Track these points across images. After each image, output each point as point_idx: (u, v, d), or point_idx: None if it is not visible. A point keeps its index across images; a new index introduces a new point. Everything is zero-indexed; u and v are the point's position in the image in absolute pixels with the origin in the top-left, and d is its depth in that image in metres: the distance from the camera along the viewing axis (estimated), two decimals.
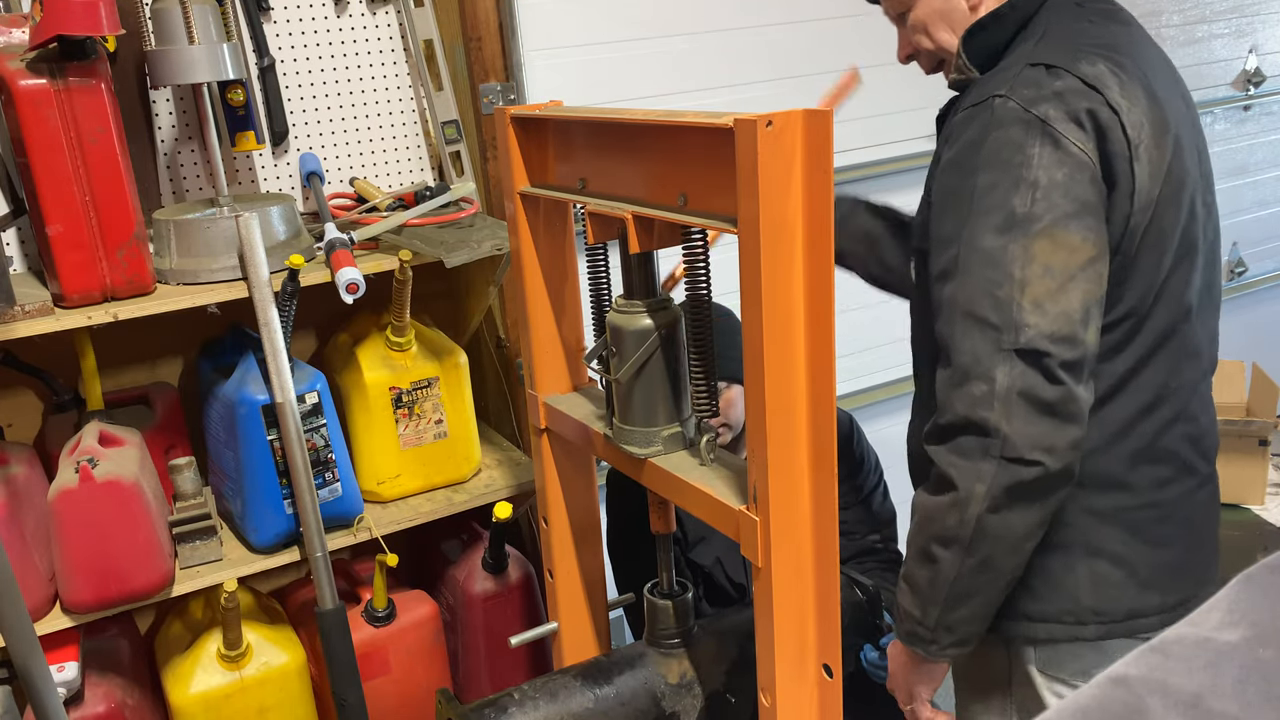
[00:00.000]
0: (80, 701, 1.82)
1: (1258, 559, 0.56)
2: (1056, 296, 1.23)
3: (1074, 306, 1.24)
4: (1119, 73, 1.31)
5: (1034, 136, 1.25)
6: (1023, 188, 1.24)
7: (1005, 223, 1.25)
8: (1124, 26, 1.43)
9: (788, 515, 1.19)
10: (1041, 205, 1.24)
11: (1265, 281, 3.77)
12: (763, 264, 1.09)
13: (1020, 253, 1.23)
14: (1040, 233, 1.23)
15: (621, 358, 1.38)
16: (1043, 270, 1.23)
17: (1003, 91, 1.29)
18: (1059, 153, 1.25)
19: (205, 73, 1.82)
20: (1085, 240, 1.25)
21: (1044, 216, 1.24)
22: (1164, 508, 1.42)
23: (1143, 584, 1.42)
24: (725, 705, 1.54)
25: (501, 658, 2.15)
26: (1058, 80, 1.28)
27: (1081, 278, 1.25)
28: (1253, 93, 3.55)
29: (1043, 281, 1.23)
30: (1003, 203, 1.25)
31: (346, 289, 1.75)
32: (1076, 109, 1.27)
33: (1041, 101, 1.27)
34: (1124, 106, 1.28)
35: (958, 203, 1.30)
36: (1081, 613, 1.42)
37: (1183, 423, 1.42)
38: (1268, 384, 2.68)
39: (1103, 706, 0.52)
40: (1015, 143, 1.26)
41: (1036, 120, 1.26)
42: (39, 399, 2.08)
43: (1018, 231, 1.24)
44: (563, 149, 1.47)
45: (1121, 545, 1.41)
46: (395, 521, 2.01)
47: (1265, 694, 0.48)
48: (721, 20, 2.61)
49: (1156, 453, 1.41)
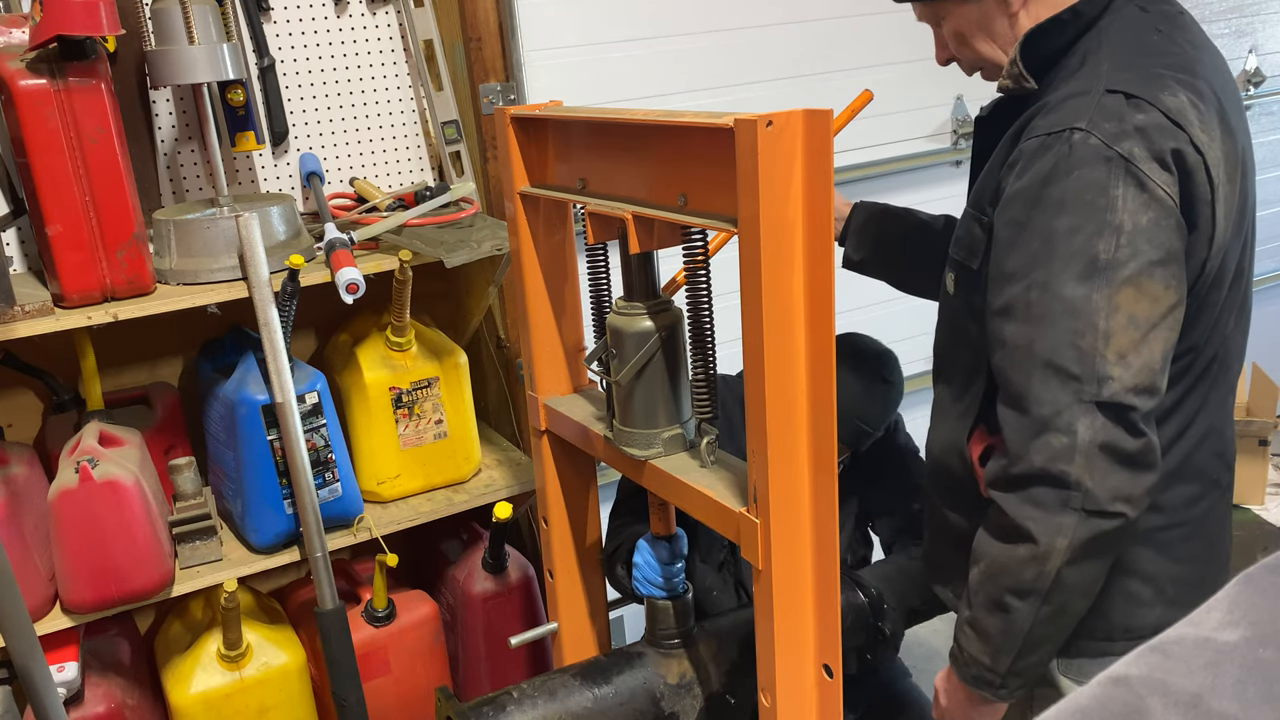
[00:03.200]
0: (80, 701, 1.82)
1: (1258, 559, 0.56)
2: (1140, 348, 1.19)
3: (1155, 357, 1.20)
4: (1198, 104, 1.24)
5: (1118, 177, 1.19)
6: (1107, 233, 1.19)
7: (1088, 270, 1.19)
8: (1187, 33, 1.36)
9: (788, 517, 1.19)
10: (1126, 251, 1.18)
11: (1265, 281, 3.76)
12: (763, 264, 1.09)
13: (1104, 302, 1.19)
14: (1126, 281, 1.19)
15: (622, 359, 1.37)
16: (1127, 320, 1.19)
17: (1083, 125, 1.21)
18: (1144, 195, 1.19)
19: (205, 73, 1.82)
20: (1169, 288, 1.20)
21: (1129, 264, 1.18)
22: (1191, 525, 1.41)
23: (1170, 601, 1.41)
24: (725, 705, 1.54)
25: (501, 658, 2.15)
26: (1140, 113, 1.21)
27: (1163, 326, 1.20)
28: (1253, 93, 3.55)
29: (1127, 333, 1.19)
30: (1085, 248, 1.19)
31: (346, 289, 1.75)
32: (1161, 148, 1.19)
33: (1125, 138, 1.19)
34: (1205, 144, 1.22)
35: (1029, 239, 1.24)
36: (1112, 630, 1.41)
37: (1212, 439, 1.41)
38: (1268, 384, 2.68)
39: (1103, 706, 0.52)
40: (1099, 184, 1.19)
41: (1120, 159, 1.19)
42: (39, 399, 2.08)
43: (1101, 280, 1.19)
44: (563, 149, 1.47)
45: (1152, 565, 1.40)
46: (395, 521, 2.01)
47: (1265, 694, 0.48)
48: (721, 20, 2.61)
49: (1187, 472, 1.39)
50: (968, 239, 1.37)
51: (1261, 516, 2.63)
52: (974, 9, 1.38)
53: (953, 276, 1.43)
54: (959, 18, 1.40)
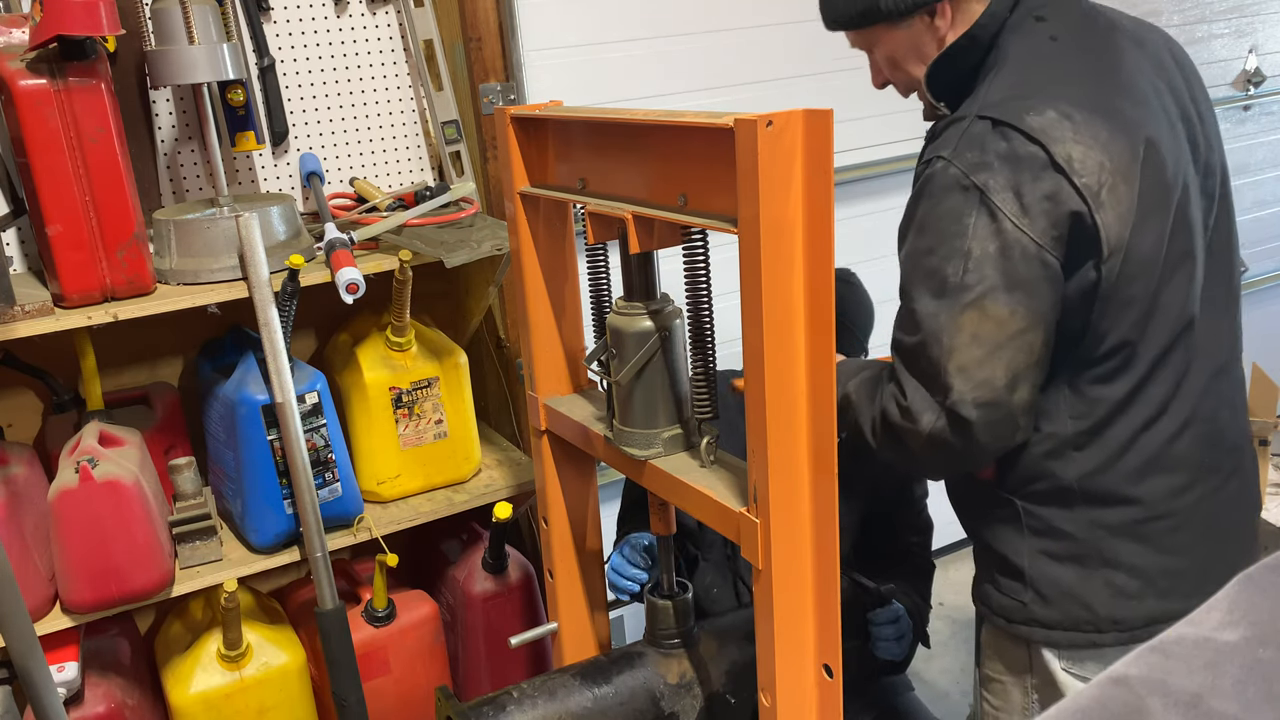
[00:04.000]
0: (80, 701, 1.82)
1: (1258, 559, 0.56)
2: (983, 364, 1.28)
3: (998, 374, 1.29)
4: (1072, 114, 1.28)
5: (972, 206, 1.27)
6: (956, 258, 1.28)
7: (939, 289, 1.30)
8: (1089, 33, 1.40)
9: (788, 517, 1.19)
10: (972, 276, 1.27)
11: (1265, 281, 3.77)
12: (763, 264, 1.09)
13: (949, 321, 1.29)
14: (970, 304, 1.28)
15: (622, 359, 1.37)
16: (970, 339, 1.28)
17: (947, 154, 1.30)
18: (994, 225, 1.26)
19: (205, 73, 1.82)
20: (1014, 313, 1.28)
21: (974, 288, 1.27)
22: (1178, 516, 1.42)
23: (1161, 592, 1.41)
24: (725, 705, 1.54)
25: (501, 658, 2.15)
26: (1002, 141, 1.27)
27: (1009, 347, 1.28)
28: (1253, 93, 3.55)
29: (969, 350, 1.28)
30: (938, 269, 1.29)
31: (346, 289, 1.75)
32: (1019, 179, 1.26)
33: (983, 169, 1.27)
34: (1076, 156, 1.26)
35: (905, 257, 1.36)
36: (1100, 622, 1.42)
37: (1196, 426, 1.41)
38: (1268, 384, 2.68)
39: (1103, 706, 0.52)
40: (955, 211, 1.28)
41: (975, 189, 1.27)
42: (39, 399, 2.08)
43: (948, 300, 1.29)
44: (563, 149, 1.47)
45: (1135, 557, 1.41)
46: (395, 521, 2.01)
47: (1265, 694, 0.48)
48: (722, 20, 2.61)
49: (1167, 462, 1.40)
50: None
51: (1262, 516, 2.62)
52: (903, 33, 1.44)
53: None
54: (890, 42, 1.47)
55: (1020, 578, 1.46)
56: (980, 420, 1.30)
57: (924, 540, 1.99)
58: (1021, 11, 1.39)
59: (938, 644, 2.92)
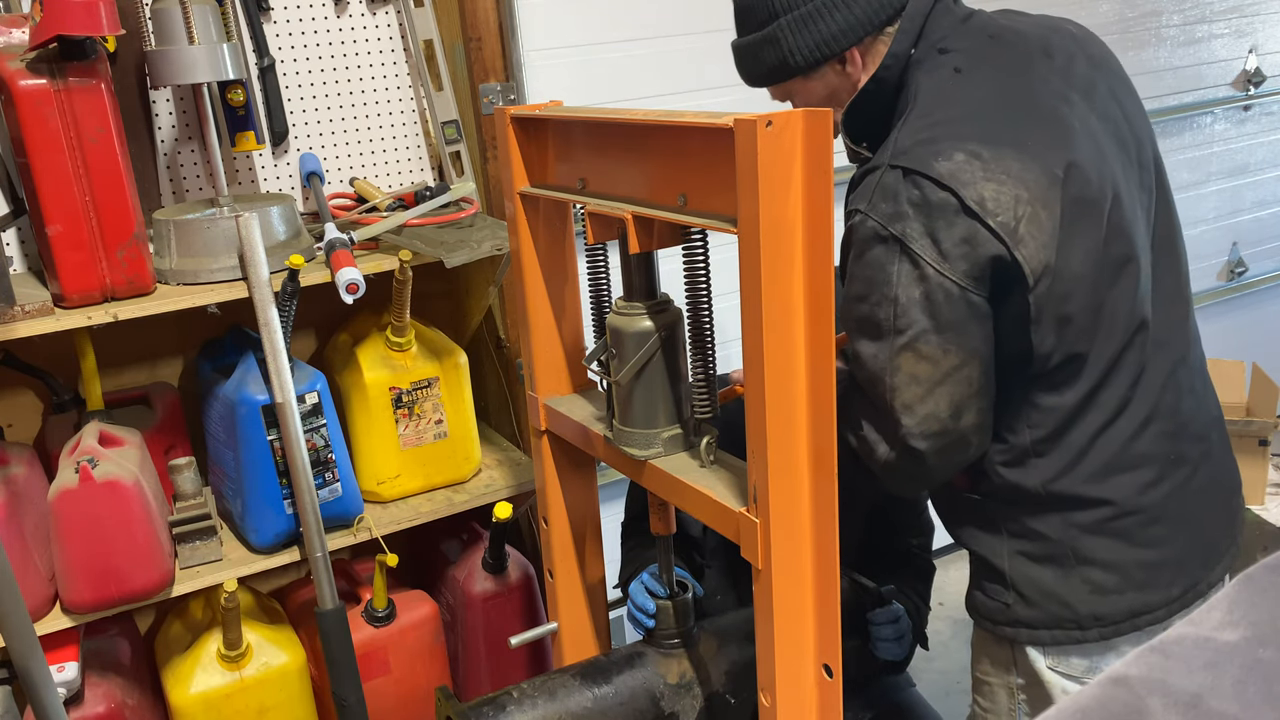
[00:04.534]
0: (80, 701, 1.82)
1: (1258, 559, 0.56)
2: (925, 399, 1.32)
3: (941, 408, 1.32)
4: (980, 152, 1.28)
5: (893, 255, 1.30)
6: (885, 305, 1.31)
7: (875, 333, 1.33)
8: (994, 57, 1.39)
9: (788, 517, 1.19)
10: (903, 321, 1.30)
11: (1265, 281, 3.76)
12: (763, 264, 1.09)
13: (887, 363, 1.32)
14: (903, 347, 1.31)
15: (621, 359, 1.37)
16: (909, 379, 1.32)
17: (863, 207, 1.32)
18: (916, 271, 1.28)
19: (205, 73, 1.82)
20: (947, 352, 1.30)
21: (906, 331, 1.30)
22: (1150, 510, 1.42)
23: (1140, 585, 1.42)
24: (725, 705, 1.54)
25: (501, 658, 2.15)
26: (914, 189, 1.28)
27: (948, 383, 1.31)
28: (1253, 93, 3.55)
29: (910, 389, 1.32)
30: (870, 315, 1.33)
31: (346, 289, 1.75)
32: (934, 226, 1.27)
33: (898, 219, 1.29)
34: (989, 196, 1.27)
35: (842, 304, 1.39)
36: (1082, 620, 1.43)
37: (1158, 421, 1.42)
38: (1268, 384, 2.68)
39: (1103, 706, 0.52)
40: (878, 260, 1.31)
41: (894, 239, 1.29)
42: (39, 399, 2.08)
43: (884, 344, 1.32)
44: (563, 149, 1.47)
45: (1111, 553, 1.42)
46: (395, 521, 2.01)
47: (1265, 694, 0.48)
48: (722, 20, 2.59)
49: (1130, 460, 1.41)
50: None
51: (1261, 516, 2.63)
52: (818, 83, 1.47)
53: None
54: (806, 94, 1.49)
55: (1002, 580, 1.48)
56: (930, 449, 1.34)
57: (924, 542, 2.00)
58: (925, 46, 1.40)
59: (938, 644, 2.92)
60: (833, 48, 1.41)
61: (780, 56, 1.44)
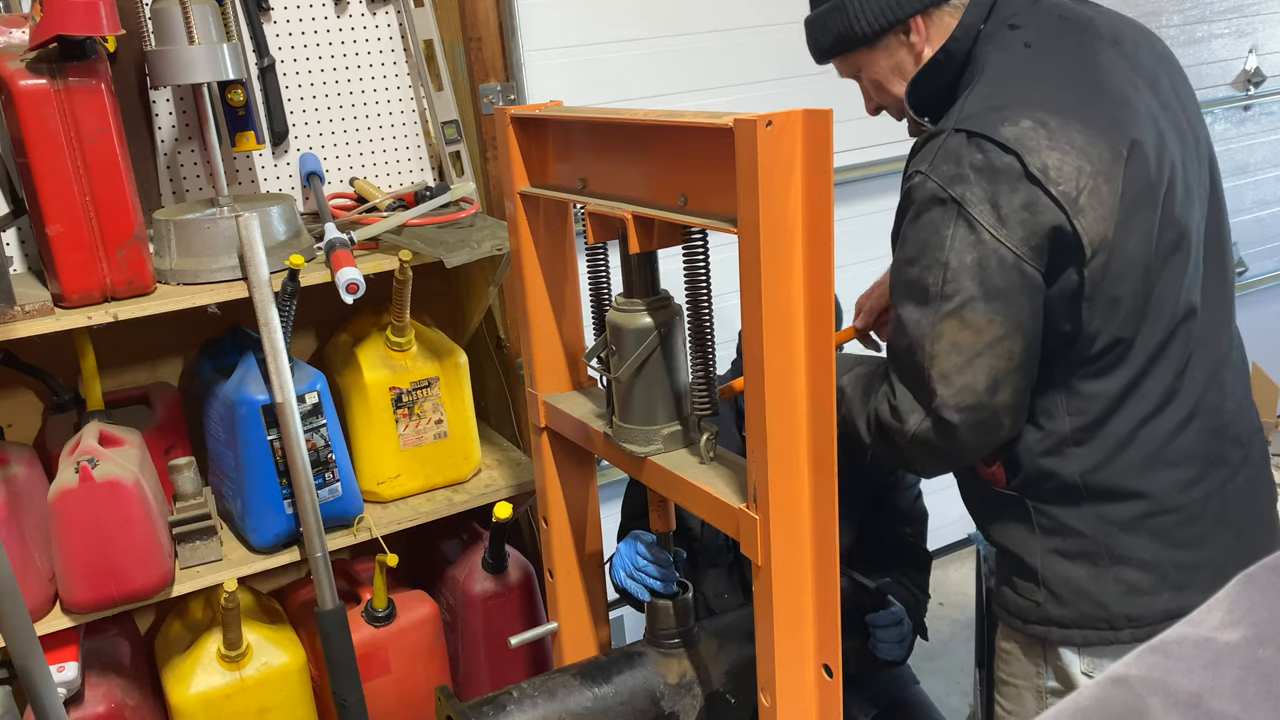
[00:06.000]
0: (80, 701, 1.82)
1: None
2: (964, 370, 1.31)
3: (979, 380, 1.32)
4: (1048, 121, 1.29)
5: (950, 219, 1.30)
6: (935, 269, 1.31)
7: (921, 299, 1.33)
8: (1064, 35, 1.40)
9: (787, 514, 1.19)
10: (951, 287, 1.30)
11: (1265, 281, 3.76)
12: (763, 264, 1.09)
13: (930, 329, 1.32)
14: (949, 314, 1.31)
15: (621, 356, 1.37)
16: (950, 347, 1.31)
17: (924, 168, 1.32)
18: (972, 236, 1.28)
19: (205, 73, 1.82)
20: (992, 321, 1.30)
21: (953, 298, 1.30)
22: (1189, 509, 1.41)
23: (1176, 586, 1.41)
24: (725, 705, 1.54)
25: (501, 658, 2.15)
26: (978, 153, 1.29)
27: (989, 354, 1.31)
28: (1253, 93, 3.55)
29: (949, 357, 1.31)
30: (919, 279, 1.33)
31: (346, 289, 1.75)
32: (995, 191, 1.28)
33: (959, 182, 1.29)
34: (1052, 165, 1.28)
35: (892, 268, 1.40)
36: (1115, 619, 1.42)
37: (1201, 418, 1.41)
38: (1268, 384, 2.68)
39: (1103, 706, 0.52)
40: (934, 223, 1.31)
41: (953, 202, 1.29)
42: (39, 399, 2.08)
43: (929, 310, 1.32)
44: (563, 149, 1.47)
45: (1147, 552, 1.40)
46: (395, 521, 2.01)
47: (1265, 694, 0.48)
48: (721, 20, 2.61)
49: (1172, 456, 1.40)
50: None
51: None
52: (882, 54, 1.47)
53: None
54: (871, 65, 1.49)
55: (1034, 578, 1.46)
56: (963, 423, 1.33)
57: (919, 530, 1.99)
58: (996, 21, 1.40)
59: (938, 644, 2.92)
60: (897, 13, 1.42)
61: (846, 23, 1.45)
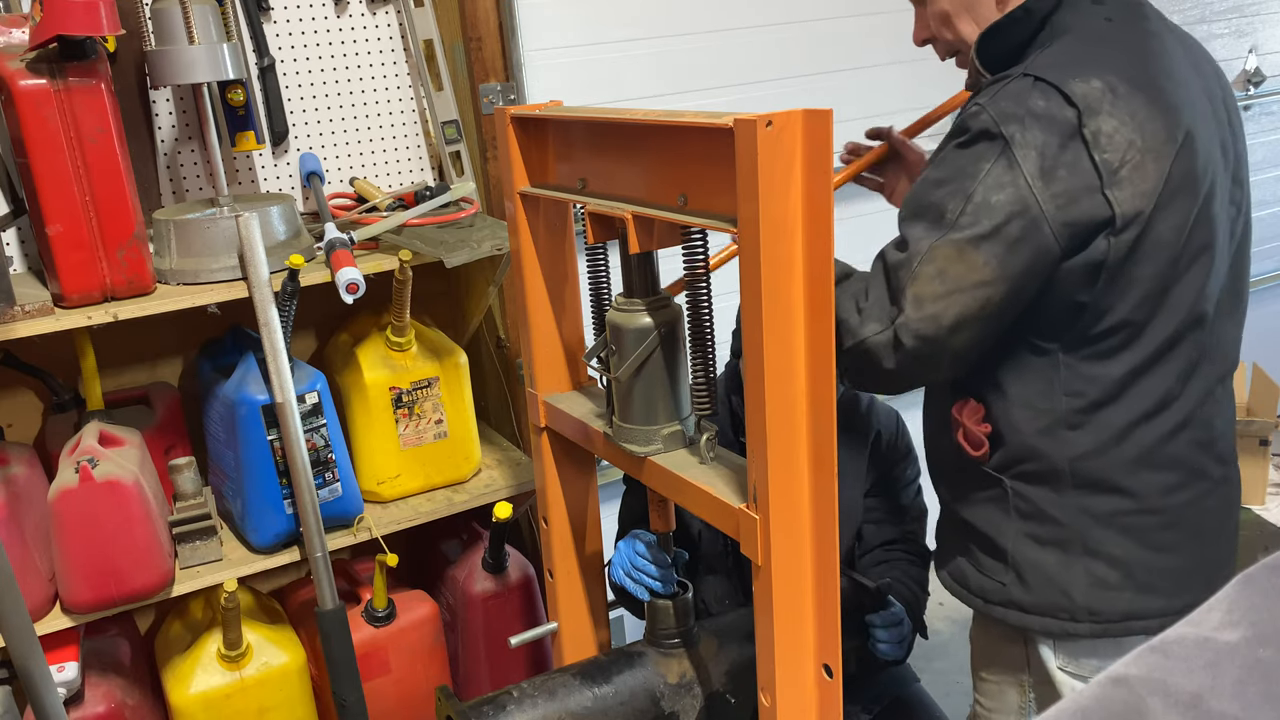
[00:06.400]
0: (80, 701, 1.82)
1: (1258, 559, 0.56)
2: (936, 300, 1.31)
3: (947, 315, 1.31)
4: (1117, 87, 1.29)
5: (993, 154, 1.29)
6: (958, 197, 1.30)
7: (934, 220, 1.32)
8: (1143, 21, 1.41)
9: (787, 514, 1.19)
10: (967, 219, 1.30)
11: (1265, 281, 3.76)
12: (763, 264, 1.09)
13: (926, 249, 1.31)
14: (951, 242, 1.30)
15: (621, 356, 1.37)
16: (936, 273, 1.31)
17: (983, 101, 1.32)
18: (1008, 176, 1.28)
19: (205, 73, 1.82)
20: (987, 264, 1.30)
21: (964, 229, 1.30)
22: (1168, 514, 1.42)
23: (1141, 587, 1.42)
24: (725, 705, 1.54)
25: (501, 658, 2.15)
26: (1039, 99, 1.28)
27: (967, 294, 1.31)
28: (1253, 93, 3.55)
29: (931, 283, 1.31)
30: (940, 202, 1.32)
31: (346, 289, 1.75)
32: (1046, 141, 1.27)
33: (1013, 121, 1.28)
34: (1105, 131, 1.28)
35: (917, 179, 1.40)
36: (1076, 610, 1.43)
37: (1192, 428, 1.42)
38: (1268, 384, 2.68)
39: (1103, 706, 0.52)
40: (976, 155, 1.30)
41: (1002, 139, 1.28)
42: (39, 399, 2.08)
43: (934, 232, 1.32)
44: (563, 149, 1.47)
45: (1119, 549, 1.41)
46: (395, 521, 2.01)
47: (1265, 694, 0.48)
48: (721, 20, 2.61)
49: (1160, 459, 1.40)
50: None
51: (1262, 516, 2.63)
52: None
53: None
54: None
55: (1003, 558, 1.47)
56: (913, 349, 1.32)
57: (919, 527, 2.00)
58: None
59: (938, 644, 2.92)
60: None
61: None
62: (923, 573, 1.95)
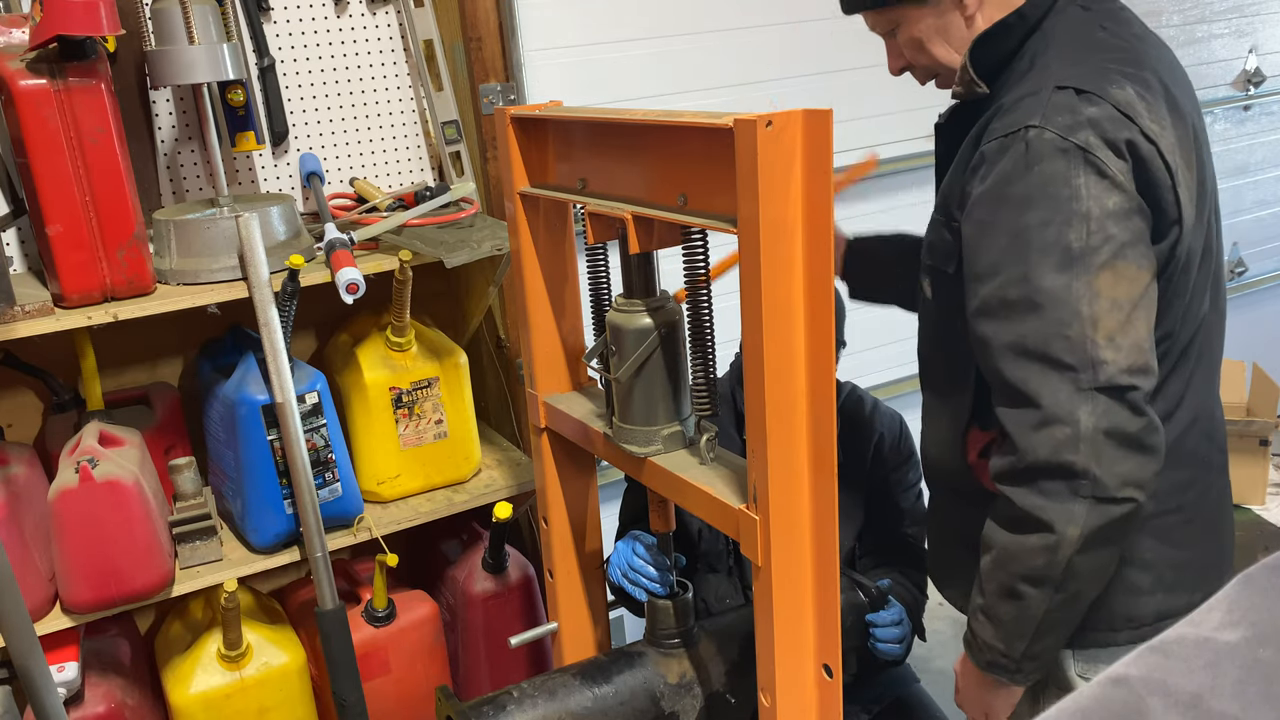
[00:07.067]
0: (80, 701, 1.82)
1: (1258, 559, 0.56)
2: (1126, 329, 1.21)
3: (1142, 335, 1.23)
4: (1146, 94, 1.27)
5: (1077, 167, 1.22)
6: (1075, 221, 1.21)
7: (1064, 260, 1.22)
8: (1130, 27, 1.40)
9: (787, 514, 1.19)
10: (1098, 238, 1.21)
11: (1265, 281, 3.76)
12: (763, 264, 1.09)
13: (1085, 289, 1.21)
14: (1102, 266, 1.21)
15: (621, 356, 1.38)
16: (1110, 304, 1.21)
17: (1036, 121, 1.24)
18: (1105, 181, 1.21)
19: (205, 73, 1.82)
20: (1141, 267, 1.23)
21: (1103, 249, 1.21)
22: (1187, 510, 1.42)
23: (1169, 587, 1.41)
24: (725, 705, 1.54)
25: (501, 658, 2.15)
26: (1091, 106, 1.24)
27: (1143, 304, 1.23)
28: (1253, 93, 3.55)
29: (1112, 316, 1.21)
30: (1059, 239, 1.22)
31: (346, 289, 1.75)
32: (1115, 137, 1.23)
33: (1079, 129, 1.22)
34: (1156, 133, 1.25)
35: (997, 237, 1.26)
36: (1114, 620, 1.41)
37: (1201, 422, 1.42)
38: (1268, 384, 2.69)
39: (1103, 706, 0.51)
40: (1060, 175, 1.22)
41: (1077, 149, 1.22)
42: (39, 399, 2.08)
43: (1079, 268, 1.21)
44: (563, 149, 1.47)
45: (1150, 552, 1.40)
46: (395, 521, 2.01)
47: (1265, 694, 0.48)
48: (721, 20, 2.61)
49: (1178, 457, 1.39)
50: (940, 244, 1.40)
51: (1262, 516, 2.63)
52: (931, 13, 1.41)
53: (928, 282, 1.46)
54: (915, 24, 1.43)
55: None
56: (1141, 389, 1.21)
57: (919, 530, 2.00)
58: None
59: (938, 644, 2.91)
60: None
61: None
62: (922, 575, 1.95)
